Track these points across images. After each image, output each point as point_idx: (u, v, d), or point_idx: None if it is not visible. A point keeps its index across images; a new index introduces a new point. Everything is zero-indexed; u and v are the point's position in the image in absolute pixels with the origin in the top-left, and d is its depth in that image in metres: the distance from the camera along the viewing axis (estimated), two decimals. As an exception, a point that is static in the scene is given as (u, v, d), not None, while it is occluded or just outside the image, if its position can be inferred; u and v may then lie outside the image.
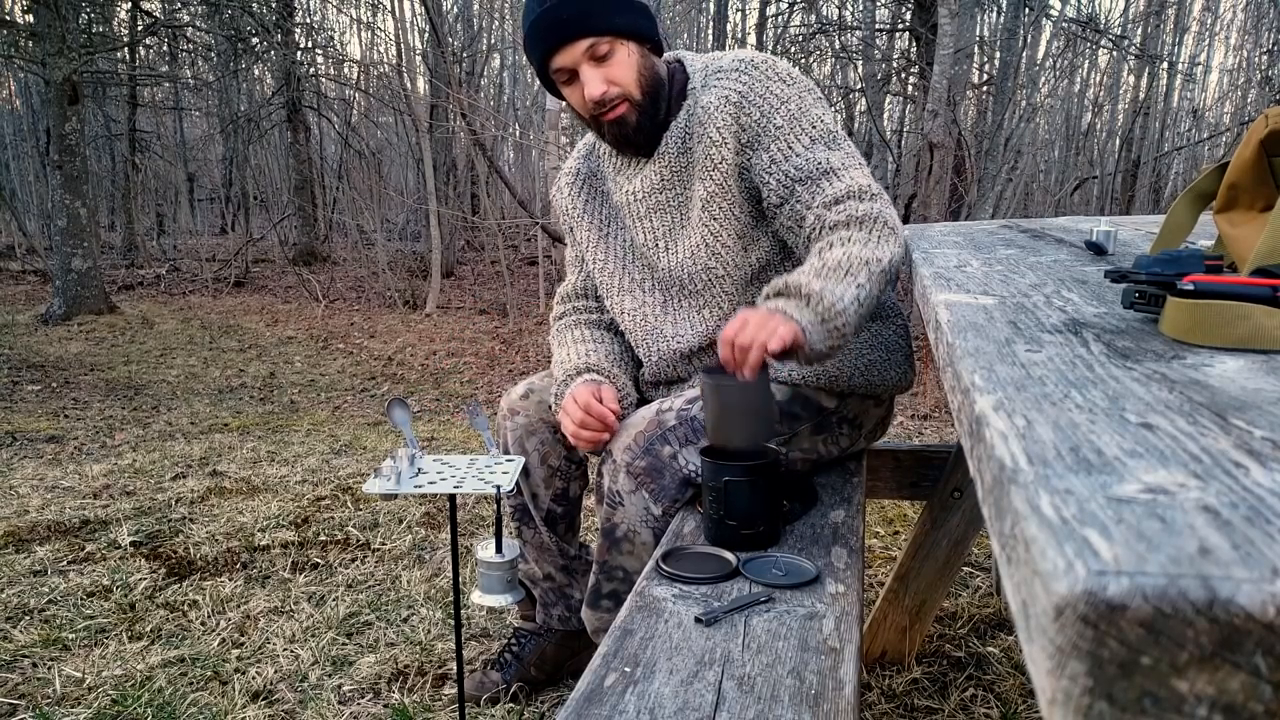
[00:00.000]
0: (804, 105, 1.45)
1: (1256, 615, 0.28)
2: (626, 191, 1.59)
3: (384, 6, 11.89)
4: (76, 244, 7.37)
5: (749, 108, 1.45)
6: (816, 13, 9.37)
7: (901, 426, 4.02)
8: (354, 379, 5.41)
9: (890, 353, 1.58)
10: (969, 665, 1.96)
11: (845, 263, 1.29)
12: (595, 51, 1.42)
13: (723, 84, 1.47)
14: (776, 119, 1.44)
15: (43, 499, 2.99)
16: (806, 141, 1.44)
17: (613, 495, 1.44)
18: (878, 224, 1.36)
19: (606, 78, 1.43)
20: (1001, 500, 0.40)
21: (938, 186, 5.57)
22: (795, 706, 0.89)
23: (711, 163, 1.47)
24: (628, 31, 1.44)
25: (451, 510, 1.50)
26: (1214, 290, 0.66)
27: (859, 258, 1.30)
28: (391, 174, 14.75)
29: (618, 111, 1.46)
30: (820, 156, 1.42)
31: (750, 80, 1.45)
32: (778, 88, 1.45)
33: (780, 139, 1.44)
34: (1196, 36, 15.28)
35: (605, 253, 1.66)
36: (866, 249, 1.32)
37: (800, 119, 1.44)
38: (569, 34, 1.41)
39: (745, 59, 1.49)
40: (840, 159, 1.43)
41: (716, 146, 1.46)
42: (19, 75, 14.19)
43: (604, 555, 1.47)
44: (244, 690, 1.84)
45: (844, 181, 1.41)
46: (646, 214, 1.58)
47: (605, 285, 1.67)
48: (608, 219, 1.67)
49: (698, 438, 1.44)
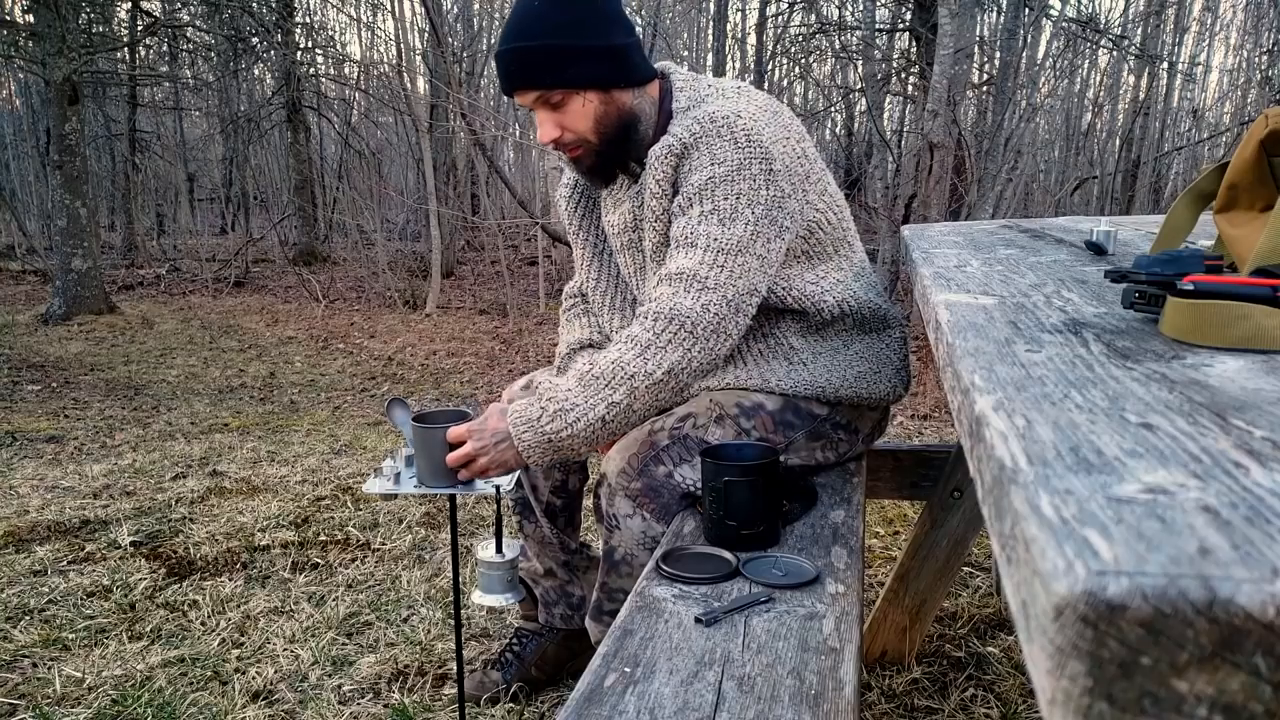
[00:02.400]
0: (733, 174, 1.36)
1: (1256, 615, 0.28)
2: (609, 221, 1.62)
3: (384, 6, 11.90)
4: (76, 244, 7.37)
5: (686, 160, 1.40)
6: (816, 13, 9.37)
7: (901, 426, 4.02)
8: (354, 379, 5.41)
9: (882, 365, 1.57)
10: (969, 665, 1.96)
11: (611, 372, 1.34)
12: (547, 99, 1.41)
13: (675, 131, 1.41)
14: (696, 176, 1.38)
15: (43, 499, 2.99)
16: (706, 209, 1.37)
17: (610, 519, 1.45)
18: (672, 326, 1.34)
19: (560, 124, 1.43)
20: (1001, 500, 0.40)
21: (938, 186, 5.57)
22: (795, 706, 0.89)
23: (653, 213, 1.46)
24: (583, 83, 1.40)
25: (451, 510, 1.50)
26: (1214, 290, 0.66)
27: (627, 369, 1.34)
28: (391, 174, 14.75)
29: (576, 153, 1.47)
30: (700, 229, 1.37)
31: (700, 133, 1.38)
32: (722, 149, 1.37)
33: (686, 196, 1.40)
34: (1196, 36, 15.28)
35: (599, 271, 1.69)
36: (640, 360, 1.33)
37: (717, 187, 1.37)
38: (518, 84, 1.41)
39: (710, 114, 1.39)
40: (711, 238, 1.36)
41: (657, 198, 1.44)
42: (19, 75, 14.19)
43: (604, 577, 1.49)
44: (244, 690, 1.84)
45: (688, 261, 1.36)
46: (621, 249, 1.61)
47: (597, 302, 1.70)
48: (601, 236, 1.69)
49: (692, 455, 1.44)
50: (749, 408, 1.49)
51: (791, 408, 1.52)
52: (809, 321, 1.54)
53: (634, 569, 1.44)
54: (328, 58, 13.24)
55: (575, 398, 1.34)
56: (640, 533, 1.42)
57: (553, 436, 1.34)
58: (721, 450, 1.35)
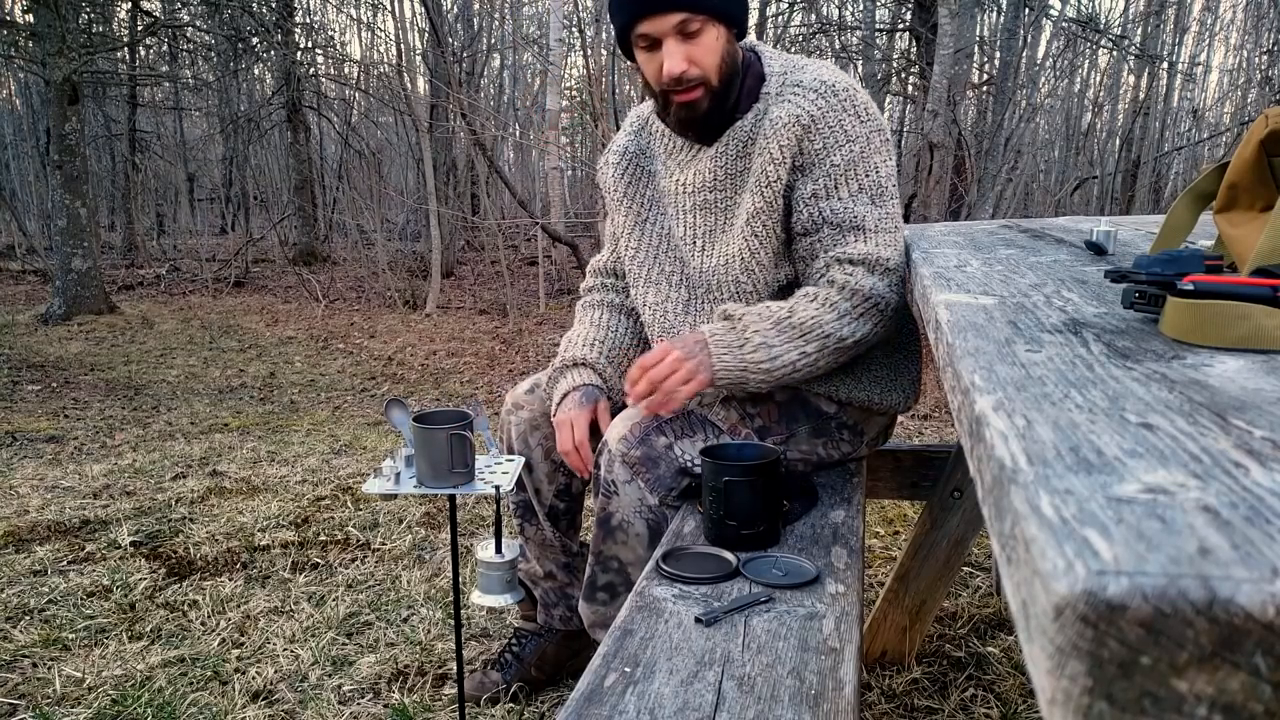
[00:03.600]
0: (868, 150, 1.43)
1: (1256, 615, 0.28)
2: (677, 180, 1.56)
3: (384, 6, 11.90)
4: (76, 244, 7.37)
5: (815, 135, 1.41)
6: (816, 13, 9.37)
7: (901, 426, 4.02)
8: (354, 379, 5.41)
9: (897, 374, 1.58)
10: (969, 665, 1.96)
11: (809, 325, 1.38)
12: (686, 27, 1.38)
13: (797, 101, 1.42)
14: (835, 156, 1.42)
15: (43, 499, 2.99)
16: (854, 188, 1.42)
17: (608, 484, 1.44)
18: (868, 303, 1.41)
19: (690, 57, 1.39)
20: (1001, 500, 0.40)
21: (938, 186, 5.57)
22: (795, 706, 0.89)
23: (767, 179, 1.44)
24: (722, 13, 1.40)
25: (451, 510, 1.50)
26: (1214, 290, 0.66)
27: (824, 328, 1.38)
28: (391, 174, 14.74)
29: (693, 95, 1.43)
30: (859, 210, 1.42)
31: (826, 106, 1.41)
32: (849, 123, 1.42)
33: (831, 177, 1.42)
34: (1196, 36, 15.28)
35: (639, 241, 1.64)
36: (839, 323, 1.39)
37: (858, 164, 1.42)
38: (665, 3, 1.37)
39: (828, 82, 1.43)
40: (876, 219, 1.43)
41: (775, 164, 1.43)
42: (19, 75, 14.19)
43: (599, 545, 1.48)
44: (244, 690, 1.84)
45: (866, 246, 1.42)
46: (692, 209, 1.55)
47: (634, 274, 1.65)
48: (649, 203, 1.64)
49: (693, 430, 1.44)
50: (758, 395, 1.50)
51: (800, 401, 1.52)
52: None
53: (629, 536, 1.44)
54: (328, 58, 13.24)
55: (773, 339, 1.38)
56: (636, 500, 1.42)
57: (750, 365, 1.37)
58: (722, 450, 1.35)
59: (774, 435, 1.51)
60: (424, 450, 1.39)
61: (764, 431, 1.50)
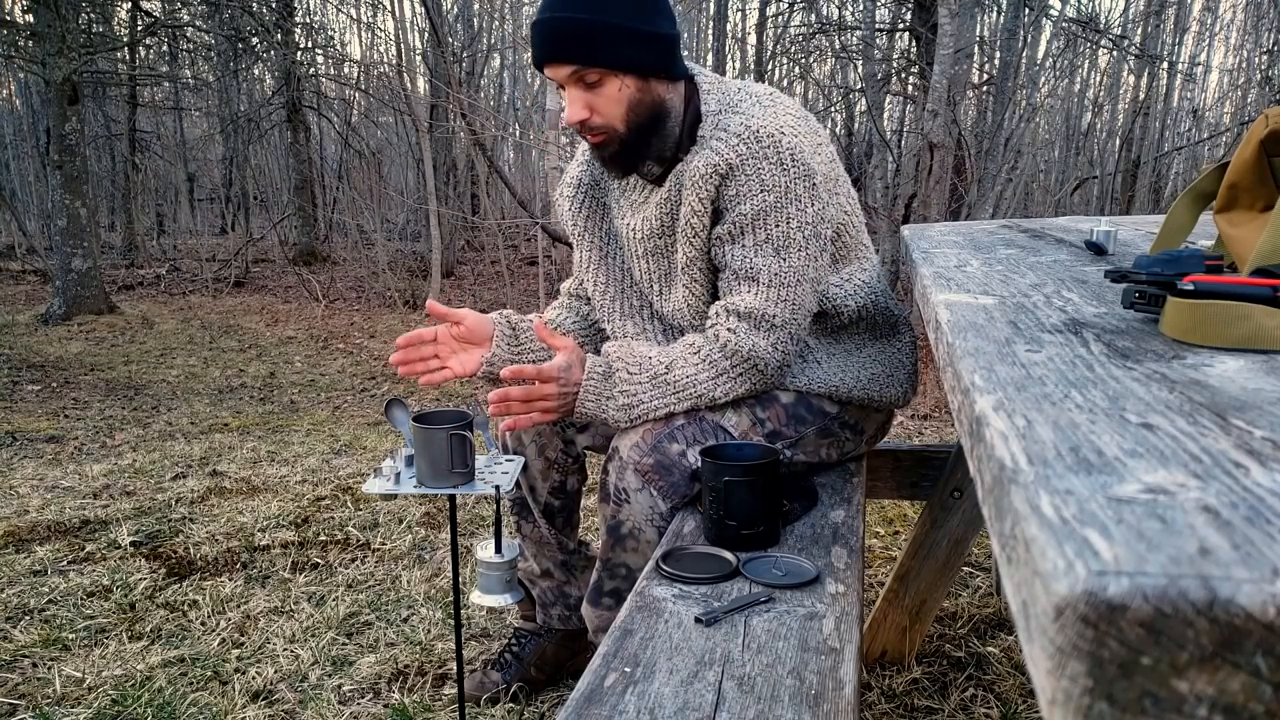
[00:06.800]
0: (784, 201, 1.38)
1: (1256, 615, 0.28)
2: (628, 224, 1.57)
3: (384, 6, 11.89)
4: (76, 244, 7.37)
5: (730, 181, 1.39)
6: (816, 13, 9.37)
7: (901, 426, 4.02)
8: (354, 379, 5.41)
9: (894, 369, 1.59)
10: (969, 665, 1.96)
11: (683, 385, 1.44)
12: (583, 77, 1.37)
13: (717, 147, 1.39)
14: (745, 205, 1.39)
15: (43, 499, 2.99)
16: (760, 238, 1.40)
17: (619, 492, 1.44)
18: (746, 364, 1.43)
19: (590, 105, 1.39)
20: (1001, 500, 0.40)
21: (938, 186, 5.57)
22: (795, 706, 0.89)
23: (692, 229, 1.45)
24: (624, 66, 1.37)
25: (451, 510, 1.50)
26: (1214, 290, 0.66)
27: (699, 389, 1.44)
28: (391, 174, 14.74)
29: (598, 139, 1.43)
30: (758, 261, 1.41)
31: (746, 154, 1.37)
32: (768, 172, 1.37)
33: (738, 225, 1.40)
34: (1196, 36, 15.27)
35: (605, 276, 1.64)
36: (714, 383, 1.44)
37: (769, 214, 1.39)
38: (557, 54, 1.36)
39: (753, 128, 1.38)
40: (774, 272, 1.41)
41: (698, 215, 1.43)
42: (19, 75, 14.19)
43: (608, 553, 1.47)
44: (244, 690, 1.84)
45: (755, 300, 1.41)
46: (644, 255, 1.57)
47: (605, 308, 1.65)
48: (608, 238, 1.64)
49: (705, 437, 1.44)
50: (765, 398, 1.51)
51: (805, 403, 1.53)
52: (827, 324, 1.55)
53: (639, 544, 1.44)
54: (328, 58, 13.23)
55: (644, 394, 1.43)
56: (648, 508, 1.42)
57: (608, 418, 1.45)
58: (721, 450, 1.35)
59: (784, 439, 1.52)
60: (424, 450, 1.39)
61: (775, 436, 1.50)
